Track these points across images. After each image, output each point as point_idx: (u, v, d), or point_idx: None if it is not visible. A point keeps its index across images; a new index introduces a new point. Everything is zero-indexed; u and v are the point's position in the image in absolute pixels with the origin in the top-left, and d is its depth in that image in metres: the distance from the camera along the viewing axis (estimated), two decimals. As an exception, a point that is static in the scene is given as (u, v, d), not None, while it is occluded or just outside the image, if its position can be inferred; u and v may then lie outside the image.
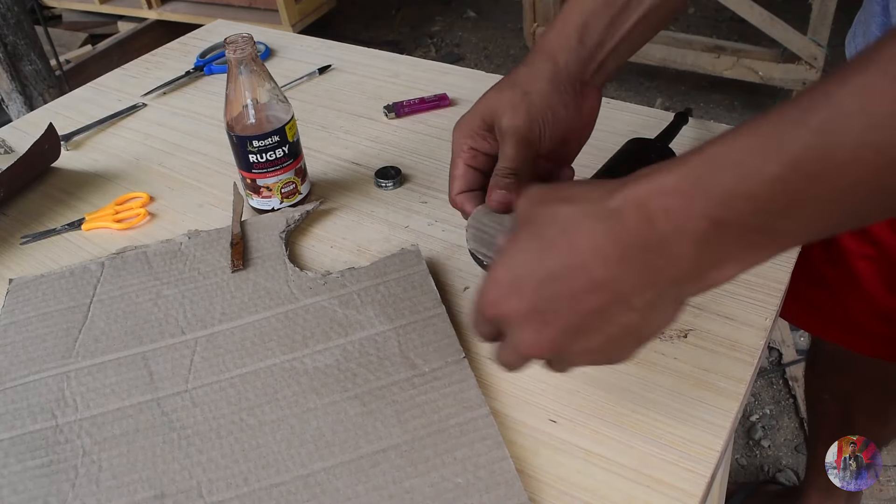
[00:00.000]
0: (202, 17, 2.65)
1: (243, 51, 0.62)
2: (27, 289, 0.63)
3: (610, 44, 0.54)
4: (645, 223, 0.33)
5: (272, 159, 0.66)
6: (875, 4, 0.61)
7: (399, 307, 0.57)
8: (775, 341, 1.57)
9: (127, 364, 0.55)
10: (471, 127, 0.54)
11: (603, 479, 0.45)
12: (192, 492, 0.46)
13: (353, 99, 0.90)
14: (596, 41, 0.53)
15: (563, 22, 0.54)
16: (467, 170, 0.55)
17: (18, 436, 0.51)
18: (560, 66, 0.53)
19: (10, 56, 1.55)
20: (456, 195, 0.55)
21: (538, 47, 0.55)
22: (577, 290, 0.36)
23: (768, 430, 1.41)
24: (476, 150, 0.54)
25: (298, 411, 0.50)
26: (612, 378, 0.51)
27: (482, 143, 0.54)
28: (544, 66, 0.53)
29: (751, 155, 0.31)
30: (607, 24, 0.53)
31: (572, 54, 0.53)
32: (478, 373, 0.52)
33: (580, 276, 0.36)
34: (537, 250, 0.37)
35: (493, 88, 0.54)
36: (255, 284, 0.61)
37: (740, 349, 0.52)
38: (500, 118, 0.52)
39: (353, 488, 0.45)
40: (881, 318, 0.77)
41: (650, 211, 0.33)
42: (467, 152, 0.55)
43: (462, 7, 3.20)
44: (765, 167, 0.31)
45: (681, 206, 0.32)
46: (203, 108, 0.91)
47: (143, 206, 0.73)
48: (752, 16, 1.99)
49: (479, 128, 0.54)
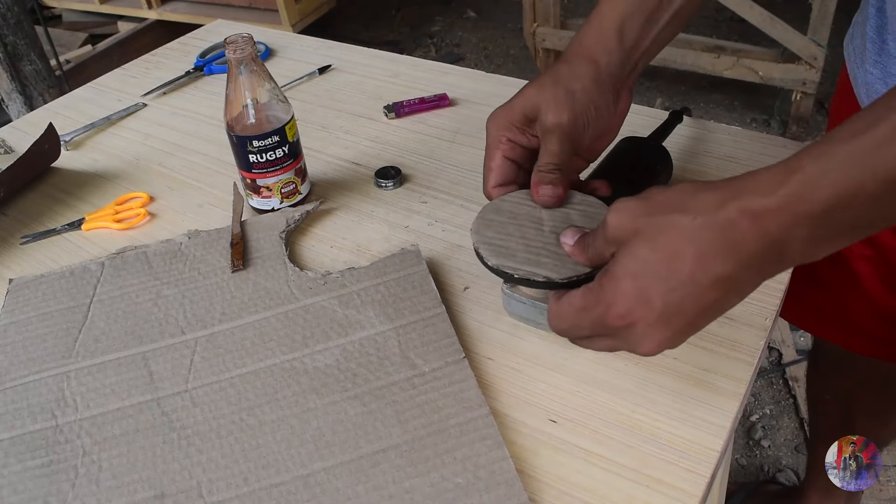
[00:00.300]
0: (202, 17, 2.65)
1: (243, 51, 0.62)
2: (27, 289, 0.63)
3: (644, 45, 0.55)
4: (760, 233, 0.37)
5: (272, 159, 0.66)
6: (870, 6, 0.62)
7: (399, 307, 0.57)
8: (775, 341, 1.57)
9: (127, 364, 0.55)
10: (509, 120, 0.54)
11: (603, 479, 0.45)
12: (192, 492, 0.46)
13: (353, 99, 0.90)
14: (632, 43, 0.54)
15: (599, 22, 0.55)
16: (504, 161, 0.55)
17: (18, 436, 0.51)
18: (601, 67, 0.54)
19: (10, 56, 1.55)
20: (493, 188, 0.55)
21: (576, 48, 0.55)
22: (701, 289, 0.39)
23: (768, 430, 1.41)
24: (513, 142, 0.55)
25: (298, 411, 0.50)
26: (612, 378, 0.51)
27: (520, 137, 0.55)
28: (587, 66, 0.54)
29: (849, 172, 0.35)
30: (642, 24, 0.54)
31: (613, 56, 0.54)
32: (478, 373, 0.52)
33: (706, 277, 0.39)
34: (663, 260, 0.39)
35: (532, 85, 0.54)
36: (255, 284, 0.61)
37: (740, 349, 0.52)
38: (544, 114, 0.52)
39: (353, 488, 0.45)
40: (880, 318, 0.77)
41: (764, 224, 0.37)
42: (506, 144, 0.55)
43: (462, 7, 3.20)
44: (862, 185, 0.35)
45: (790, 220, 0.37)
46: (203, 108, 0.91)
47: (143, 206, 0.73)
48: (752, 16, 1.99)
49: (519, 121, 0.54)
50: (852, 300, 0.78)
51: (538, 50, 2.43)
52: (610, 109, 0.54)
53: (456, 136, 0.80)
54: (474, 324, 0.57)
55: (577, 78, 0.53)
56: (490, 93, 0.87)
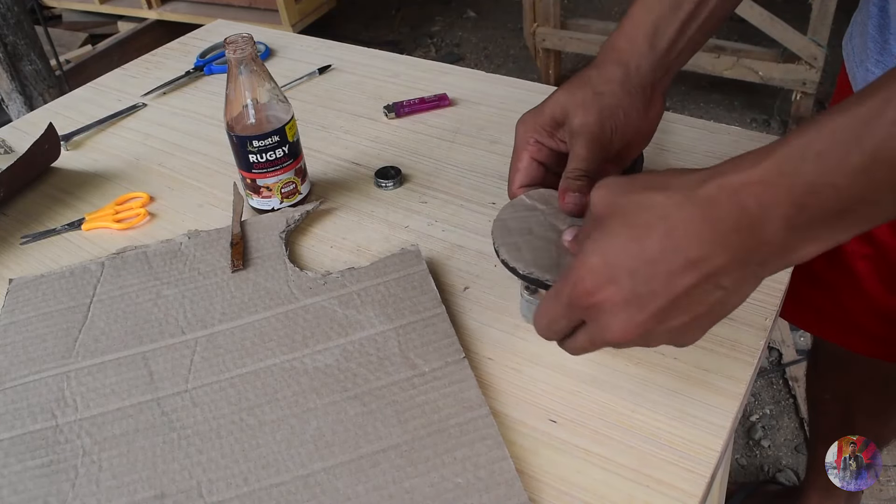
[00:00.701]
0: (202, 17, 2.65)
1: (243, 51, 0.62)
2: (27, 289, 0.63)
3: (677, 49, 0.55)
4: (738, 209, 0.36)
5: (272, 159, 0.66)
6: (872, 6, 0.61)
7: (399, 307, 0.57)
8: (775, 341, 1.57)
9: (127, 364, 0.55)
10: (538, 122, 0.54)
11: (603, 478, 0.45)
12: (192, 492, 0.46)
13: (353, 99, 0.90)
14: (665, 47, 0.54)
15: (632, 26, 0.55)
16: (531, 163, 0.55)
17: (18, 436, 0.51)
18: (632, 71, 0.53)
19: (10, 56, 1.55)
20: (517, 188, 0.55)
21: (607, 51, 0.55)
22: (673, 271, 0.37)
23: (768, 430, 1.41)
24: (541, 144, 0.55)
25: (298, 411, 0.50)
26: (612, 378, 0.51)
27: (549, 140, 0.54)
28: (616, 69, 0.53)
29: (833, 147, 0.33)
30: (677, 29, 0.54)
31: (644, 59, 0.54)
32: (478, 373, 0.52)
33: (677, 258, 0.37)
34: (634, 238, 0.38)
35: (563, 88, 0.54)
36: (255, 284, 0.61)
37: (740, 349, 0.52)
38: (572, 117, 0.52)
39: (353, 488, 0.45)
40: (880, 317, 0.77)
41: (742, 199, 0.35)
42: (533, 145, 0.55)
43: (462, 7, 3.20)
44: (846, 159, 0.33)
45: (770, 194, 0.35)
46: (203, 108, 0.91)
47: (143, 206, 0.73)
48: (752, 16, 1.99)
49: (547, 124, 0.54)
50: (852, 300, 0.78)
51: (538, 50, 2.43)
52: (639, 114, 0.54)
53: (456, 136, 0.80)
54: (474, 324, 0.57)
55: (606, 82, 0.53)
56: (490, 93, 0.87)
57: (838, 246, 0.67)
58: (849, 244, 0.74)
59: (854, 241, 0.74)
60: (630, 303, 0.38)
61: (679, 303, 0.38)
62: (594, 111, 0.52)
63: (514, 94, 0.87)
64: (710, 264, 0.37)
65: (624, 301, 0.38)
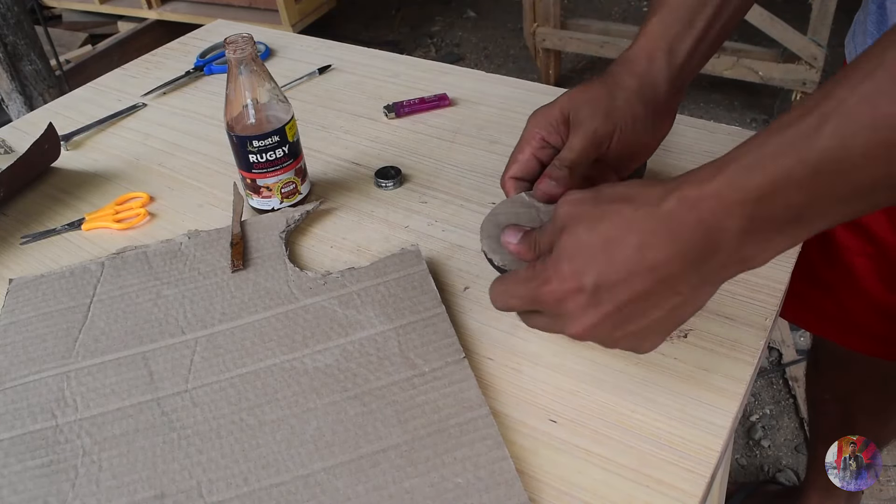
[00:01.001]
0: (202, 17, 2.65)
1: (243, 51, 0.62)
2: (27, 289, 0.63)
3: (691, 65, 0.55)
4: (696, 221, 0.38)
5: (272, 159, 0.66)
6: (871, 3, 0.62)
7: (399, 307, 0.57)
8: (775, 341, 1.57)
9: (127, 364, 0.55)
10: (548, 118, 0.55)
11: (603, 478, 0.45)
12: (192, 492, 0.46)
13: (353, 99, 0.90)
14: (679, 64, 0.55)
15: (648, 41, 0.55)
16: (531, 158, 0.55)
17: (18, 436, 0.51)
18: (647, 85, 0.54)
19: (10, 56, 1.55)
20: (509, 177, 0.56)
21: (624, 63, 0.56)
22: (632, 273, 0.40)
23: (768, 430, 1.41)
24: (547, 142, 0.55)
25: (298, 411, 0.50)
26: (612, 378, 0.51)
27: (554, 137, 0.55)
28: (633, 80, 0.54)
29: (777, 160, 0.36)
30: (691, 47, 0.55)
31: (660, 75, 0.55)
32: (478, 373, 0.52)
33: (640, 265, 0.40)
34: (601, 245, 0.40)
35: (579, 86, 0.55)
36: (255, 284, 0.61)
37: (740, 349, 0.52)
38: (579, 111, 0.53)
39: (353, 488, 0.45)
40: (880, 316, 0.77)
41: (699, 212, 0.38)
42: (538, 141, 0.55)
43: (462, 7, 3.20)
44: (792, 173, 0.35)
45: (723, 207, 0.38)
46: (203, 108, 0.91)
47: (143, 206, 0.73)
48: (752, 16, 1.99)
49: (556, 119, 0.54)
50: (852, 299, 0.78)
51: (538, 50, 2.43)
52: (646, 126, 0.55)
53: (456, 136, 0.80)
54: (474, 324, 0.57)
55: (623, 88, 0.54)
56: (490, 93, 0.87)
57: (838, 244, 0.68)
58: (848, 242, 0.74)
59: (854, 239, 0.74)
60: (590, 304, 0.41)
61: (637, 306, 0.41)
62: (602, 110, 0.53)
63: (513, 94, 0.87)
64: (667, 270, 0.39)
65: (586, 303, 0.41)
